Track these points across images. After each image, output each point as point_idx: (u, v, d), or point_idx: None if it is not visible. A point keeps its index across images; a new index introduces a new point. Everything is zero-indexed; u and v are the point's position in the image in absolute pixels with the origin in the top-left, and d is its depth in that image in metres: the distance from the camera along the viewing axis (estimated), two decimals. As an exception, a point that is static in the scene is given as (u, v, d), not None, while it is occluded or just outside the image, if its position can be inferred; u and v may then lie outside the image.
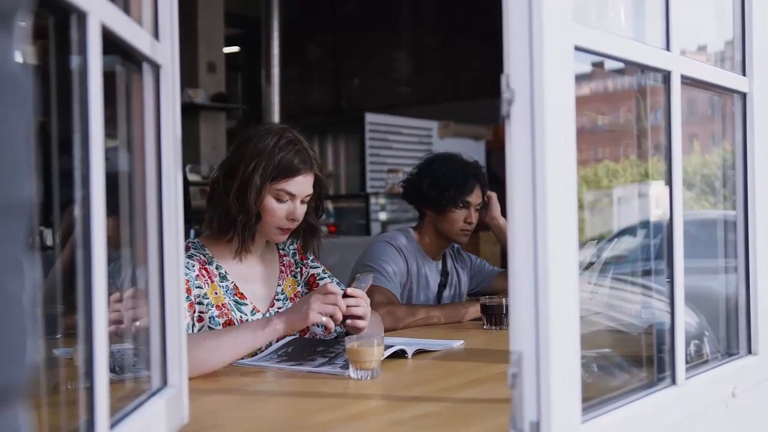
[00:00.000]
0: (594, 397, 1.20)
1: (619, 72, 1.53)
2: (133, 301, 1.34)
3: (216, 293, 2.01)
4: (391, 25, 10.01)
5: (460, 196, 2.79)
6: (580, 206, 1.13)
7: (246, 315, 2.03)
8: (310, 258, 2.25)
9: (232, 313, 2.01)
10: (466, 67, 9.02)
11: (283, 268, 2.19)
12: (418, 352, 2.01)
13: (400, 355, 1.94)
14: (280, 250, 2.21)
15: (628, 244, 1.76)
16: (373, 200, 7.72)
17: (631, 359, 1.54)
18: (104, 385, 0.93)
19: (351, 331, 1.98)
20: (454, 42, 9.47)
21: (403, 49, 10.17)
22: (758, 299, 1.66)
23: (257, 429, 1.42)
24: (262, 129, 2.07)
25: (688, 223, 1.42)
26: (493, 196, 2.92)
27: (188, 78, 6.96)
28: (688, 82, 1.45)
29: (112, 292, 1.33)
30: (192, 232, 4.10)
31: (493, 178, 3.03)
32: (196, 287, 1.97)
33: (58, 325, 1.32)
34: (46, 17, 0.90)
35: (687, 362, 1.42)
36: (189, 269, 1.96)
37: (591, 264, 1.77)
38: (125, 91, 1.21)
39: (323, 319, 1.85)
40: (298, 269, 2.22)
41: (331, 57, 10.54)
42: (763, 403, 1.70)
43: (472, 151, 7.24)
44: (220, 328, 1.95)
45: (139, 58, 1.19)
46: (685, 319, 1.42)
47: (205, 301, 1.98)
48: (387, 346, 1.87)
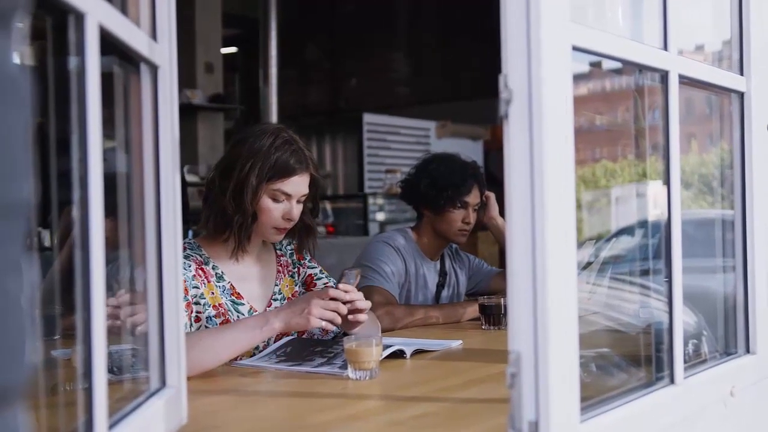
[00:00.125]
0: (592, 397, 1.20)
1: (617, 72, 1.53)
2: (131, 302, 1.34)
3: (213, 293, 2.01)
4: (388, 26, 10.02)
5: (458, 197, 2.79)
6: (578, 206, 1.13)
7: (243, 315, 2.03)
8: (307, 258, 2.25)
9: (229, 313, 2.01)
10: (464, 68, 9.03)
11: (280, 268, 2.19)
12: (417, 352, 2.01)
13: (398, 355, 1.94)
14: (277, 250, 2.21)
15: (626, 243, 1.76)
16: (371, 200, 7.72)
17: (630, 359, 1.54)
18: (103, 386, 0.93)
19: (347, 329, 1.97)
20: (452, 42, 9.48)
21: (401, 50, 10.17)
22: (756, 298, 1.66)
23: (256, 429, 1.42)
24: (258, 129, 2.07)
25: (686, 223, 1.42)
26: (491, 196, 2.92)
27: (186, 79, 6.96)
28: (685, 81, 1.45)
29: (111, 294, 1.33)
30: (190, 233, 4.09)
31: (491, 178, 3.04)
32: (193, 287, 1.97)
33: (57, 327, 1.33)
34: (43, 18, 0.90)
35: (685, 362, 1.42)
36: (186, 269, 1.96)
37: (589, 264, 1.77)
38: (123, 92, 1.21)
39: (323, 324, 1.86)
40: (296, 269, 2.22)
41: (329, 57, 10.54)
42: (761, 402, 1.70)
43: (470, 151, 7.25)
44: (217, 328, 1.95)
45: (137, 58, 1.18)
46: (684, 319, 1.42)
47: (202, 301, 1.98)
48: (385, 346, 1.88)
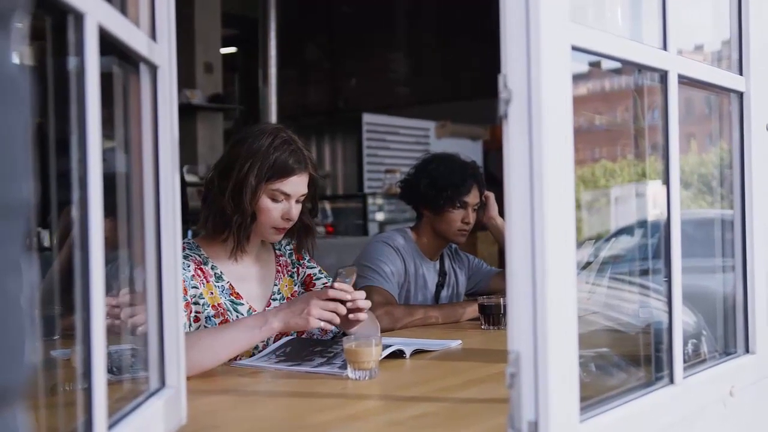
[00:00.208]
0: (592, 397, 1.20)
1: (617, 72, 1.53)
2: (130, 302, 1.34)
3: (212, 293, 2.01)
4: (388, 26, 10.02)
5: (458, 196, 2.79)
6: (578, 206, 1.13)
7: (242, 315, 2.03)
8: (307, 258, 2.25)
9: (228, 313, 2.01)
10: (463, 68, 9.03)
11: (279, 268, 2.19)
12: (416, 352, 2.01)
13: (398, 355, 1.94)
14: (276, 250, 2.21)
15: (625, 243, 1.76)
16: (370, 200, 7.72)
17: (629, 359, 1.54)
18: (102, 386, 0.93)
19: (346, 328, 1.97)
20: (451, 42, 9.48)
21: (401, 50, 10.17)
22: (755, 298, 1.66)
23: (256, 429, 1.42)
24: (257, 129, 2.07)
25: (685, 223, 1.42)
26: (491, 196, 2.92)
27: (185, 79, 6.96)
28: (685, 81, 1.45)
29: (110, 294, 1.33)
30: (189, 233, 4.10)
31: (491, 178, 3.03)
32: (192, 287, 1.97)
33: (56, 327, 1.32)
34: (43, 18, 0.90)
35: (685, 361, 1.42)
36: (185, 269, 1.96)
37: (589, 264, 1.77)
38: (122, 92, 1.21)
39: (322, 324, 1.86)
40: (295, 269, 2.22)
41: (329, 57, 10.54)
42: (760, 402, 1.70)
43: (470, 151, 7.25)
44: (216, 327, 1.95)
45: (137, 59, 1.18)
46: (683, 319, 1.42)
47: (201, 301, 1.98)
48: (385, 346, 1.88)
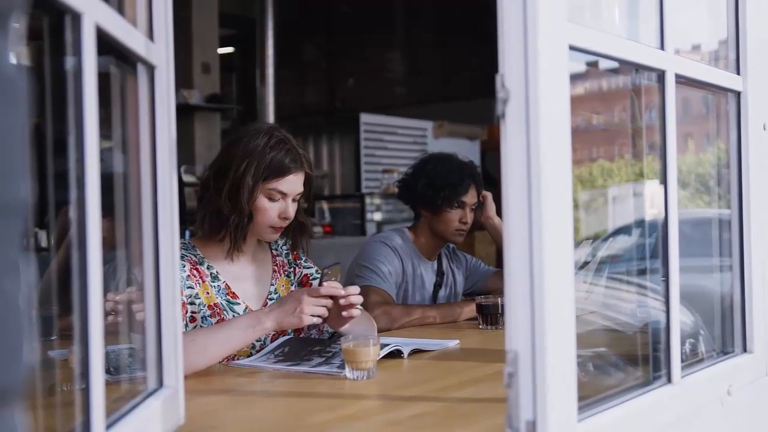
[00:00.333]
0: (590, 396, 1.20)
1: (614, 71, 1.53)
2: (128, 303, 1.34)
3: (208, 293, 2.01)
4: (385, 26, 10.01)
5: (456, 196, 2.79)
6: (575, 206, 1.13)
7: (239, 315, 2.03)
8: (303, 258, 2.25)
9: (225, 312, 2.01)
10: (460, 67, 9.03)
11: (276, 268, 2.19)
12: (414, 352, 2.01)
13: (396, 355, 1.94)
14: (273, 250, 2.21)
15: (623, 243, 1.76)
16: (368, 200, 7.72)
17: (627, 358, 1.54)
18: (100, 387, 0.93)
19: (338, 326, 1.98)
20: (448, 42, 9.48)
21: (398, 50, 10.17)
22: (753, 297, 1.66)
23: (254, 429, 1.42)
24: (252, 129, 2.07)
25: (682, 222, 1.42)
26: (488, 195, 2.92)
27: (183, 79, 6.94)
28: (682, 81, 1.45)
29: (108, 294, 1.33)
30: (187, 233, 4.09)
31: (488, 178, 3.04)
32: (188, 287, 1.97)
33: (54, 327, 1.32)
34: (40, 18, 0.90)
35: (682, 361, 1.42)
36: (180, 270, 1.96)
37: (586, 263, 1.77)
38: (120, 92, 1.21)
39: (315, 320, 1.87)
40: (292, 269, 2.22)
41: (326, 57, 10.54)
42: (758, 401, 1.71)
43: (467, 151, 7.24)
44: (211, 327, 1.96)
45: (134, 59, 1.18)
46: (681, 318, 1.42)
47: (197, 301, 1.98)
48: (383, 346, 1.88)
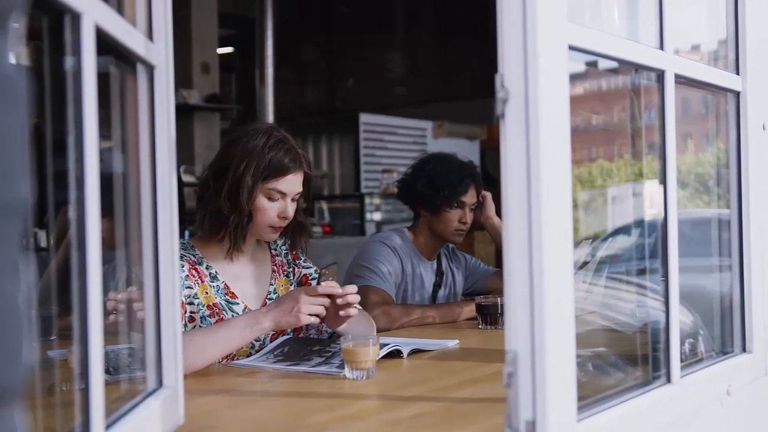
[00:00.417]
0: (589, 396, 1.20)
1: (613, 71, 1.54)
2: (128, 302, 1.34)
3: (207, 293, 2.01)
4: (385, 26, 10.01)
5: (455, 196, 2.79)
6: (575, 206, 1.13)
7: (238, 314, 2.03)
8: (302, 258, 2.25)
9: (224, 312, 2.01)
10: (460, 67, 9.03)
11: (275, 268, 2.19)
12: (414, 352, 2.01)
13: (395, 354, 1.94)
14: (272, 250, 2.21)
15: (622, 243, 1.76)
16: (367, 200, 7.71)
17: (626, 358, 1.54)
18: (100, 387, 0.93)
19: (335, 325, 1.98)
20: (448, 42, 9.48)
21: (398, 50, 10.17)
22: (752, 297, 1.66)
23: (253, 429, 1.42)
24: (251, 129, 2.08)
25: (682, 222, 1.42)
26: (488, 195, 2.92)
27: (182, 79, 6.94)
28: (681, 81, 1.45)
29: (107, 294, 1.33)
30: (186, 233, 4.09)
31: (488, 178, 3.04)
32: (186, 287, 1.97)
33: (53, 327, 1.32)
34: (40, 18, 0.90)
35: (682, 361, 1.42)
36: (179, 270, 1.96)
37: (586, 263, 1.77)
38: (119, 92, 1.21)
39: (312, 319, 1.87)
40: (291, 269, 2.22)
41: (326, 57, 10.53)
42: (757, 401, 1.71)
43: (467, 151, 7.24)
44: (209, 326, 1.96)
45: (134, 59, 1.18)
46: (680, 318, 1.42)
47: (196, 302, 1.99)
48: (382, 346, 1.88)
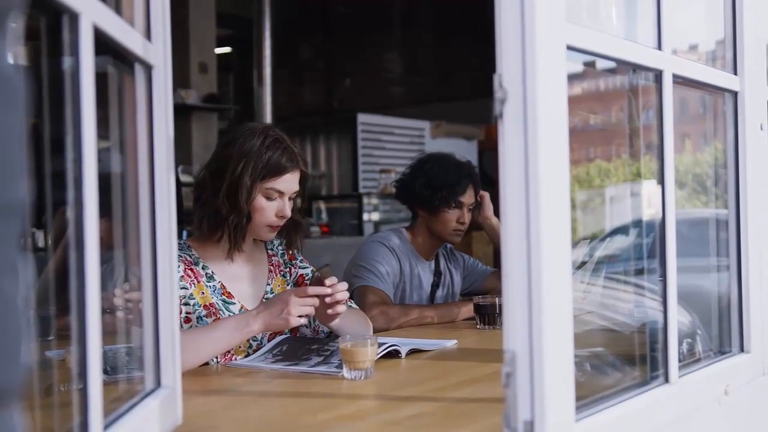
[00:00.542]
0: (587, 396, 1.20)
1: (611, 71, 1.54)
2: (127, 302, 1.33)
3: (203, 293, 2.02)
4: (383, 26, 10.01)
5: (453, 196, 2.79)
6: (573, 206, 1.13)
7: (234, 314, 2.03)
8: (299, 258, 2.26)
9: (220, 312, 2.02)
10: (458, 68, 9.03)
11: (272, 268, 2.19)
12: (412, 352, 2.01)
13: (393, 354, 1.94)
14: (269, 251, 2.21)
15: (620, 243, 1.76)
16: (365, 200, 7.72)
17: (624, 358, 1.54)
18: (98, 387, 0.93)
19: (326, 322, 1.99)
20: (446, 42, 9.48)
21: (396, 50, 10.17)
22: (750, 297, 1.66)
23: (252, 429, 1.42)
24: (246, 129, 2.08)
25: (679, 222, 1.42)
26: (486, 195, 2.92)
27: (180, 79, 6.94)
28: (679, 81, 1.45)
29: (115, 290, 1.33)
30: (184, 233, 4.09)
31: (486, 178, 3.04)
32: (181, 288, 1.97)
33: (51, 327, 1.32)
34: (37, 18, 0.89)
35: (680, 361, 1.42)
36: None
37: (584, 263, 1.77)
38: (117, 92, 1.20)
39: (302, 320, 1.89)
40: (287, 269, 2.22)
41: (324, 57, 10.53)
42: (755, 401, 1.71)
43: (465, 151, 7.24)
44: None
45: (132, 58, 1.18)
46: (678, 318, 1.42)
47: (192, 302, 1.99)
48: (380, 346, 1.88)
